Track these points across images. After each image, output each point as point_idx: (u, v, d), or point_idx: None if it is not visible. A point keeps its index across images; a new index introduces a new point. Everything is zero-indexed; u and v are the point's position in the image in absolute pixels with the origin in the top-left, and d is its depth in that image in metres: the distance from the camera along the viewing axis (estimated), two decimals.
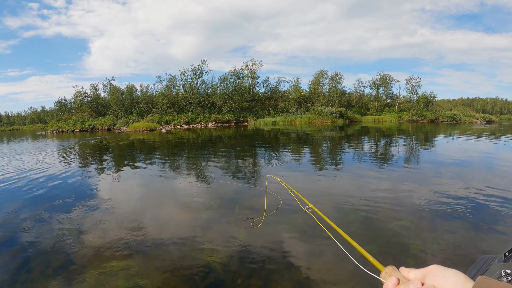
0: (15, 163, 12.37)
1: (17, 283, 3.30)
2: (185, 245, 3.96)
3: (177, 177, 8.25)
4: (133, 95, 49.19)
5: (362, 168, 8.53)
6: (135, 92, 50.40)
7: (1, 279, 3.40)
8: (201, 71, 46.56)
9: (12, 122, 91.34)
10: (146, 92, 49.99)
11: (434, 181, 6.93)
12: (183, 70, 47.26)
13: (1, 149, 20.76)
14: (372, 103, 55.32)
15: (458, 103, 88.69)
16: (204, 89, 48.11)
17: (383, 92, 56.20)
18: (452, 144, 15.21)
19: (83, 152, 15.80)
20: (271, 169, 8.70)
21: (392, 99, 57.10)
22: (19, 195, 6.95)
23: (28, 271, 3.53)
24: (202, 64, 46.47)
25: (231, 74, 47.84)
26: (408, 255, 3.49)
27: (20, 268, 3.60)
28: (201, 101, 45.86)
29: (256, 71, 50.80)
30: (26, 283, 3.29)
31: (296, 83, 52.47)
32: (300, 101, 47.56)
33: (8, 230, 4.82)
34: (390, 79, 54.94)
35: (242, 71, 49.52)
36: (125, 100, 47.54)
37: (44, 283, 3.27)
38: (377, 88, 55.69)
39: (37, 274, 3.45)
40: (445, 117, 51.58)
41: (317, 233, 3.91)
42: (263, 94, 52.33)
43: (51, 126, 47.03)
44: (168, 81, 48.42)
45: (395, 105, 55.34)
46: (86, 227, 4.75)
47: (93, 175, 9.11)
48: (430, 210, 4.91)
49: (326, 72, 50.34)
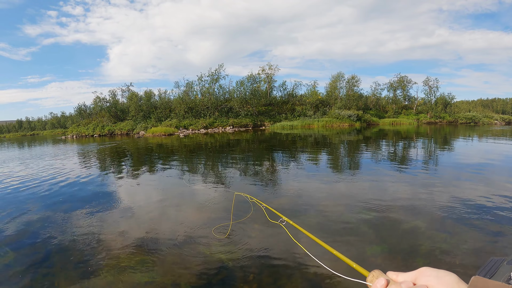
0: (38, 166, 12.98)
1: (38, 275, 3.52)
2: (198, 244, 4.09)
3: (193, 180, 8.43)
4: (151, 100, 50.10)
5: (379, 171, 8.64)
6: (153, 98, 51.35)
7: (25, 271, 3.62)
8: (218, 76, 47.01)
9: (32, 127, 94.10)
10: (164, 97, 50.80)
11: (450, 183, 6.94)
12: (200, 75, 47.77)
13: (24, 153, 21.61)
14: (389, 106, 54.56)
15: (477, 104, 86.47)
16: (222, 94, 48.49)
17: (401, 94, 55.34)
18: (471, 147, 14.88)
19: (103, 156, 16.30)
20: (288, 174, 8.81)
21: (410, 101, 56.16)
22: (42, 195, 7.41)
23: (49, 265, 3.75)
24: (219, 69, 46.94)
25: (248, 79, 48.01)
26: (418, 255, 3.53)
27: (42, 262, 3.84)
28: (219, 106, 46.24)
29: (273, 75, 51.06)
30: (48, 276, 3.50)
31: (313, 87, 52.37)
32: (317, 104, 47.29)
33: (31, 227, 5.23)
34: (408, 81, 54.04)
35: (259, 75, 49.69)
36: (143, 105, 48.43)
37: (64, 276, 3.48)
38: (394, 90, 54.89)
39: (58, 267, 3.67)
40: (463, 119, 50.35)
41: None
42: (280, 98, 52.37)
43: (71, 131, 48.38)
44: (186, 86, 49.12)
45: (413, 107, 54.42)
46: (104, 226, 4.99)
47: (112, 178, 9.49)
48: (443, 211, 4.96)
49: (343, 75, 49.97)
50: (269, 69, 50.33)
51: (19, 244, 4.43)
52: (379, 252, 3.64)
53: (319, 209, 5.34)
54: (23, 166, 13.42)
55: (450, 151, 13.23)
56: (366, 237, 4.06)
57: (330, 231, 4.30)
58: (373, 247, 3.76)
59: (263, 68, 50.44)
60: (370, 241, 3.96)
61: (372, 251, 3.67)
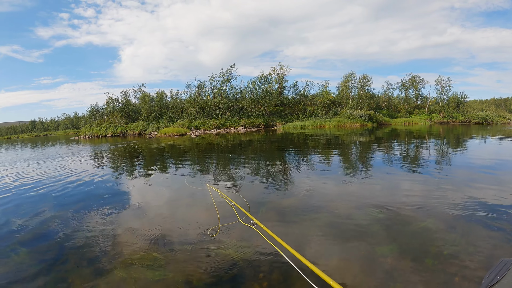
0: (52, 166, 13.24)
1: (53, 272, 3.62)
2: (210, 242, 4.17)
3: (205, 180, 8.47)
4: (163, 101, 50.53)
5: (391, 171, 8.59)
6: (165, 98, 51.78)
7: (39, 269, 3.71)
8: (229, 77, 47.23)
9: (45, 127, 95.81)
10: (176, 98, 51.19)
11: (463, 183, 6.86)
12: (212, 75, 48.10)
13: (37, 153, 21.99)
14: (401, 105, 53.97)
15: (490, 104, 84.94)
16: (233, 94, 48.67)
17: (413, 94, 54.68)
18: (484, 147, 14.62)
19: (116, 156, 16.45)
20: (300, 174, 8.80)
21: (422, 101, 55.49)
22: (56, 195, 7.57)
23: (63, 262, 3.86)
24: (231, 69, 47.17)
25: (259, 79, 48.11)
26: (428, 255, 3.54)
27: (56, 259, 3.95)
28: (230, 106, 46.42)
29: (284, 75, 50.87)
30: (61, 272, 3.61)
31: (324, 87, 52.11)
32: (328, 104, 47.12)
33: (45, 226, 5.25)
34: (420, 81, 53.40)
35: (271, 75, 49.72)
36: (155, 106, 48.91)
37: (78, 273, 3.58)
38: (406, 90, 54.28)
39: (72, 264, 3.78)
40: (476, 118, 49.48)
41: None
42: (291, 98, 52.22)
43: (84, 132, 49.15)
44: (198, 87, 49.44)
45: (425, 107, 53.78)
46: (117, 224, 5.11)
47: (125, 177, 9.61)
48: (455, 212, 4.89)
49: (354, 74, 49.56)
50: (280, 69, 50.29)
51: (33, 243, 4.55)
52: (389, 252, 3.68)
53: (330, 208, 5.38)
54: (37, 166, 13.71)
55: (463, 151, 13.06)
56: (376, 237, 4.10)
57: (340, 230, 4.35)
58: (382, 247, 3.80)
59: (274, 69, 50.45)
60: (379, 241, 4.00)
61: (381, 251, 3.71)
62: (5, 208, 6.54)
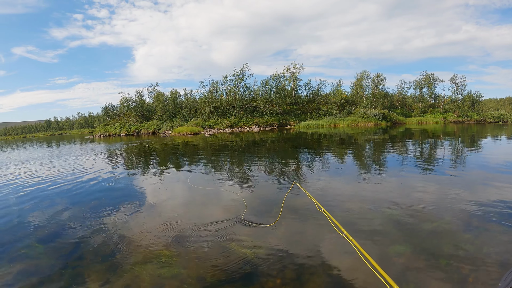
0: (68, 164, 13.50)
1: (69, 267, 3.69)
2: (222, 239, 4.20)
3: (218, 178, 8.54)
4: (177, 100, 51.16)
5: (405, 170, 8.56)
6: (179, 97, 52.39)
7: (55, 264, 3.81)
8: (243, 76, 47.43)
9: (61, 126, 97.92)
10: (190, 97, 51.67)
11: (478, 184, 6.79)
12: (225, 75, 48.38)
13: (53, 152, 22.41)
14: (416, 104, 53.41)
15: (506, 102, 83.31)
16: (247, 93, 48.87)
17: (427, 92, 54.04)
18: (499, 146, 14.37)
19: (130, 155, 16.61)
20: (312, 173, 8.79)
21: (436, 100, 54.80)
22: (72, 192, 7.71)
23: (79, 258, 3.93)
24: (244, 68, 47.40)
25: (273, 78, 48.23)
26: (441, 255, 3.51)
27: (71, 255, 4.02)
28: (244, 105, 46.70)
29: (298, 74, 50.95)
30: (77, 268, 3.68)
31: (338, 86, 51.95)
32: (342, 103, 46.99)
33: (61, 222, 5.36)
34: (434, 79, 52.75)
35: (284, 74, 49.80)
36: (169, 105, 49.55)
37: (93, 268, 3.64)
38: (420, 88, 53.66)
39: (87, 260, 3.85)
40: (491, 118, 48.65)
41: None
42: (305, 97, 52.24)
43: (99, 131, 50.15)
44: (211, 86, 49.82)
45: (440, 105, 53.10)
46: (132, 222, 5.15)
47: (139, 175, 9.69)
48: (469, 212, 4.80)
49: (368, 73, 49.32)
50: (293, 68, 50.32)
51: (50, 239, 4.63)
52: (402, 251, 3.66)
53: (344, 207, 5.38)
54: (53, 164, 13.93)
55: (478, 150, 12.85)
56: (390, 236, 4.08)
57: (354, 229, 4.33)
58: (395, 246, 3.78)
59: (287, 67, 50.49)
60: (393, 240, 3.98)
61: (394, 250, 3.69)
62: (23, 206, 6.70)
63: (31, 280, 3.47)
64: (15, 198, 7.52)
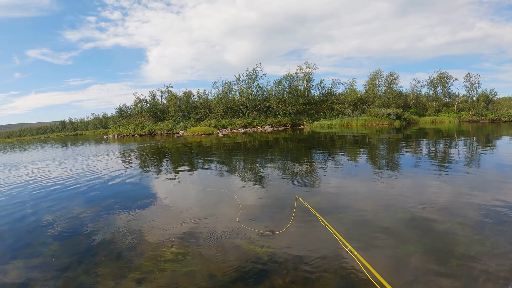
0: (83, 164, 13.80)
1: (82, 264, 3.78)
2: (235, 238, 4.28)
3: (231, 178, 8.63)
4: (190, 101, 51.66)
5: (418, 170, 8.56)
6: (192, 98, 52.86)
7: (70, 260, 3.91)
8: (256, 76, 47.63)
9: (75, 127, 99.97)
10: (203, 98, 52.11)
11: (492, 184, 6.76)
12: (238, 75, 48.70)
13: (67, 152, 22.77)
14: (429, 103, 52.73)
15: None
16: (260, 93, 49.05)
17: (441, 91, 53.37)
18: None
19: (144, 155, 16.83)
20: (326, 172, 8.74)
21: (450, 99, 54.07)
22: (86, 191, 7.91)
23: (93, 255, 4.01)
24: (257, 68, 47.56)
25: (285, 78, 48.28)
26: (452, 256, 3.51)
27: (86, 253, 4.11)
28: (257, 105, 46.92)
29: (311, 74, 50.93)
30: (91, 264, 3.76)
31: (351, 85, 51.74)
32: (355, 103, 46.82)
33: (76, 221, 5.50)
34: (448, 78, 52.03)
35: (297, 74, 49.79)
36: (182, 105, 50.12)
37: (107, 265, 3.72)
38: (434, 87, 52.99)
39: (100, 257, 3.93)
40: (506, 116, 47.63)
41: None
42: (318, 97, 52.11)
43: (113, 131, 51.04)
44: (224, 86, 50.12)
45: (454, 104, 52.42)
46: (146, 220, 5.26)
47: (153, 175, 9.86)
48: (482, 213, 4.77)
49: (381, 72, 48.96)
50: (306, 68, 50.35)
51: (64, 236, 4.77)
52: (413, 251, 3.67)
53: (356, 207, 5.39)
54: (68, 164, 14.22)
55: (493, 150, 12.64)
56: (401, 236, 4.09)
57: (365, 229, 4.35)
58: (407, 246, 3.80)
59: (300, 67, 50.51)
60: (404, 240, 3.98)
61: (405, 250, 3.71)
62: (38, 204, 6.86)
63: (46, 275, 3.61)
64: (31, 196, 7.73)
